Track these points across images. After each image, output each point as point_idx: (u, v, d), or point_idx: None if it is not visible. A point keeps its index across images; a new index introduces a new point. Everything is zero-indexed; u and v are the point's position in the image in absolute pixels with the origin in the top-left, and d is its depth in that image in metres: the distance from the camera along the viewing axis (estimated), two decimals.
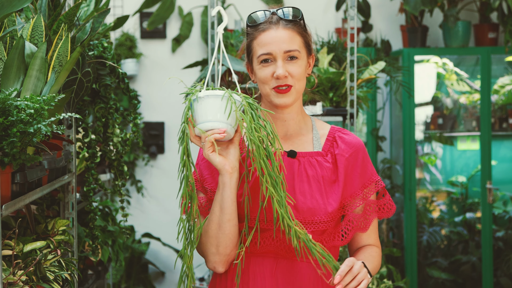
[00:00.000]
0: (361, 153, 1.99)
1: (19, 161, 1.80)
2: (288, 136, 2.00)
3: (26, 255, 2.11)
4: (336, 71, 3.49)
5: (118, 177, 2.93)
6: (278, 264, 1.92)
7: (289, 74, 1.92)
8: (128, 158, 5.33)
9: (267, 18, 1.96)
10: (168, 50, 5.41)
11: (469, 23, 5.06)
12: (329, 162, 1.97)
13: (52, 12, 2.38)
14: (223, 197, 1.84)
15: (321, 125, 2.06)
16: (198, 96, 1.80)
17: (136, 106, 2.82)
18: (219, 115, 1.78)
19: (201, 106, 1.80)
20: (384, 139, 5.13)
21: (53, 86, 2.11)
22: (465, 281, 5.18)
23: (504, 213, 5.36)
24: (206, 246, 1.90)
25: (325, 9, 5.35)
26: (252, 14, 1.98)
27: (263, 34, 1.94)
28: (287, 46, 1.92)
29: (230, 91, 1.80)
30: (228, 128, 1.79)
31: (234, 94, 1.80)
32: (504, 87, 5.30)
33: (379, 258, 2.02)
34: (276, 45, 1.91)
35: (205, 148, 1.80)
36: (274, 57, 1.92)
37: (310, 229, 1.89)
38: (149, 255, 5.39)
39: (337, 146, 1.99)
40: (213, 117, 1.78)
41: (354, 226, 1.96)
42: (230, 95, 1.79)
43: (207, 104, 1.79)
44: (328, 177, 1.95)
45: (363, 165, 1.99)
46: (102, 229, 3.39)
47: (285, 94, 1.92)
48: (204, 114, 1.79)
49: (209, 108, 1.79)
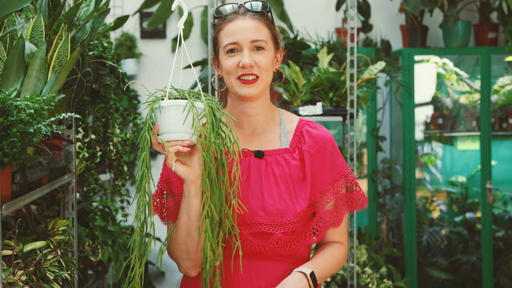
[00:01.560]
0: (329, 147, 1.96)
1: (19, 161, 1.80)
2: (256, 133, 1.97)
3: (26, 255, 2.11)
4: (336, 71, 3.48)
5: (118, 177, 2.93)
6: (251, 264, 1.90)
7: (256, 64, 1.89)
8: (128, 158, 5.33)
9: (234, 9, 1.94)
10: (168, 50, 5.42)
11: (469, 23, 5.06)
12: (297, 159, 1.94)
13: (52, 12, 2.38)
14: (189, 205, 1.82)
15: (289, 119, 2.02)
16: (161, 105, 1.75)
17: (136, 106, 2.83)
18: (182, 126, 1.74)
19: (164, 115, 1.75)
20: (384, 139, 5.13)
21: (53, 86, 2.11)
22: (465, 281, 5.18)
23: (504, 213, 5.36)
24: (176, 253, 1.88)
25: (325, 9, 5.35)
26: (220, 7, 1.96)
27: (229, 24, 1.92)
28: (253, 35, 1.89)
29: (193, 99, 1.75)
30: (192, 138, 1.75)
31: (197, 102, 1.75)
32: (504, 87, 5.30)
33: (341, 257, 1.98)
34: (242, 34, 1.89)
35: (168, 158, 1.77)
36: (240, 47, 1.89)
37: (279, 230, 1.87)
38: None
39: (304, 141, 1.96)
40: (176, 128, 1.74)
41: (326, 222, 1.94)
42: (192, 104, 1.73)
43: (169, 114, 1.74)
44: (296, 175, 1.92)
45: (332, 159, 1.95)
46: (102, 229, 3.39)
47: (251, 85, 1.89)
48: (167, 124, 1.75)
49: (171, 119, 1.74)
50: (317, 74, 3.54)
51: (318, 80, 3.47)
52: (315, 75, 3.58)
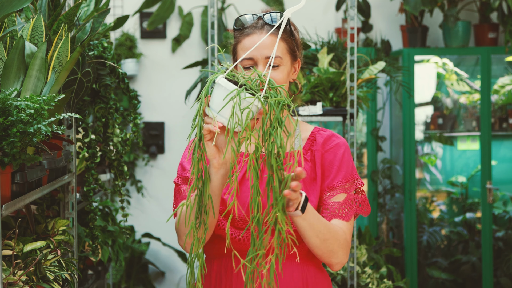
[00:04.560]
0: (342, 149, 1.98)
1: (19, 161, 1.80)
2: None
3: (26, 255, 2.11)
4: (336, 71, 3.48)
5: (118, 177, 2.93)
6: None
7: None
8: (128, 158, 5.33)
9: (253, 22, 1.96)
10: (168, 50, 5.41)
11: (469, 23, 5.06)
12: (308, 160, 1.97)
13: (52, 12, 2.38)
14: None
15: (305, 127, 2.05)
16: (215, 80, 1.72)
17: (136, 106, 2.82)
18: (222, 109, 1.70)
19: (214, 91, 1.73)
20: (384, 139, 5.13)
21: (53, 86, 2.11)
22: (465, 281, 5.18)
23: (504, 213, 5.36)
24: (181, 229, 1.88)
25: (325, 9, 5.35)
26: (240, 17, 1.99)
27: (246, 39, 1.95)
28: (268, 52, 1.91)
29: (242, 89, 1.69)
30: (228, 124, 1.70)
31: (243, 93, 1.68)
32: (504, 87, 5.30)
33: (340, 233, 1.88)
34: (257, 51, 1.91)
35: (204, 133, 1.75)
36: (255, 62, 1.92)
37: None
38: (149, 255, 5.39)
39: (316, 142, 1.99)
40: (218, 107, 1.71)
41: (331, 211, 1.92)
42: (238, 93, 1.68)
43: (217, 93, 1.72)
44: (308, 176, 1.95)
45: (343, 160, 1.97)
46: (102, 229, 3.39)
47: None
48: (212, 101, 1.73)
49: (216, 97, 1.72)
50: (317, 74, 3.55)
51: (318, 80, 3.47)
52: (315, 75, 3.58)
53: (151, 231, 5.35)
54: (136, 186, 5.42)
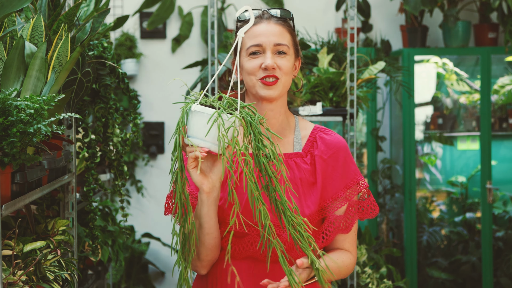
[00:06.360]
0: (342, 154, 1.97)
1: (19, 161, 1.80)
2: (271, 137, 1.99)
3: (26, 255, 2.11)
4: (336, 71, 3.48)
5: (118, 177, 2.93)
6: (256, 266, 1.91)
7: (278, 66, 1.92)
8: (128, 158, 5.33)
9: (259, 14, 1.98)
10: (168, 50, 5.42)
11: (469, 23, 5.06)
12: (308, 163, 1.96)
13: (52, 12, 2.38)
14: (201, 213, 1.83)
15: (304, 125, 2.04)
16: (190, 109, 1.76)
17: (136, 106, 2.82)
18: (205, 134, 1.74)
19: (191, 119, 1.76)
20: (384, 139, 5.13)
21: (53, 86, 2.11)
22: (465, 281, 5.18)
23: (504, 213, 5.36)
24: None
25: (325, 9, 5.35)
26: (244, 12, 1.99)
27: (254, 27, 1.95)
28: (277, 39, 1.93)
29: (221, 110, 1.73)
30: (212, 148, 1.75)
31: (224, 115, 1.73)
32: (504, 87, 5.30)
33: (349, 263, 1.97)
34: (266, 37, 1.93)
35: (188, 162, 1.78)
36: (263, 49, 1.93)
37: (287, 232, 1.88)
38: (149, 255, 5.39)
39: (317, 147, 1.98)
40: (200, 135, 1.75)
41: (335, 227, 1.94)
42: (219, 115, 1.72)
43: (196, 120, 1.75)
44: (306, 179, 1.94)
45: (345, 166, 1.97)
46: (102, 229, 3.39)
47: (271, 86, 1.92)
48: (192, 129, 1.76)
49: (195, 124, 1.75)
50: (317, 74, 3.55)
51: (318, 80, 3.47)
52: (315, 75, 3.58)
53: (151, 231, 5.35)
54: (136, 186, 5.43)
